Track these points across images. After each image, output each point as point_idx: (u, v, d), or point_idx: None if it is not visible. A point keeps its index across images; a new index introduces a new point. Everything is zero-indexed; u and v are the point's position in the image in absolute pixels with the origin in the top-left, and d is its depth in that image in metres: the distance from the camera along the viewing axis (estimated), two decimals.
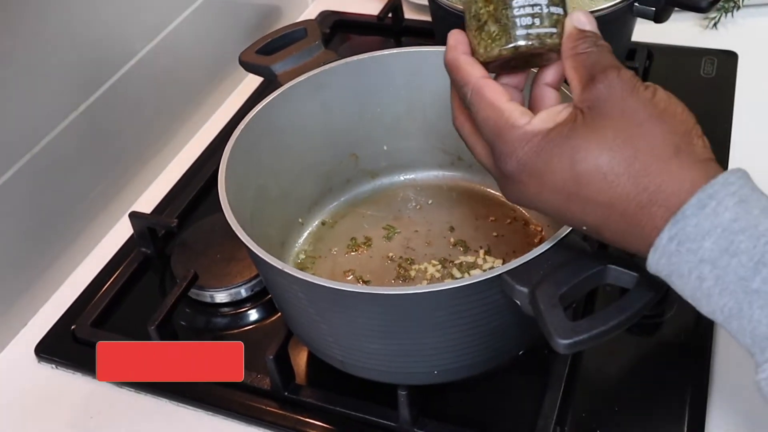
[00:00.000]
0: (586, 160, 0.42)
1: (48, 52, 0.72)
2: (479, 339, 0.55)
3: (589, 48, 0.45)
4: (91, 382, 0.68)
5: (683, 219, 0.40)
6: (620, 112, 0.43)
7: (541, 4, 0.47)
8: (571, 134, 0.43)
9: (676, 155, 0.42)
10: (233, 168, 0.62)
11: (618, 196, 0.42)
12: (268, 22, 1.07)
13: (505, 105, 0.46)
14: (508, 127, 0.45)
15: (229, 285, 0.72)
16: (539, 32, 0.47)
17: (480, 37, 0.48)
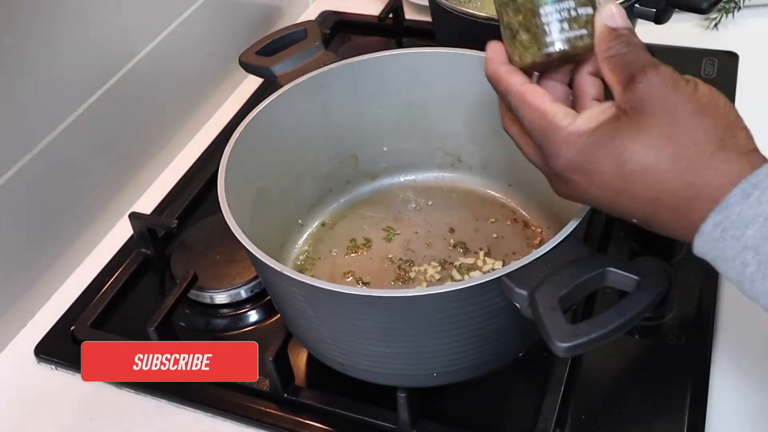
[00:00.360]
0: (632, 159, 0.43)
1: (48, 52, 0.72)
2: (478, 341, 0.55)
3: (623, 49, 0.45)
4: (91, 382, 0.68)
5: (727, 207, 0.42)
6: (663, 110, 0.43)
7: (569, 8, 0.47)
8: (616, 134, 0.44)
9: (720, 149, 0.42)
10: (233, 169, 0.61)
11: (665, 192, 0.43)
12: (269, 22, 1.07)
13: (548, 107, 0.47)
14: (553, 128, 0.46)
15: (229, 286, 0.72)
16: (569, 36, 0.47)
17: (513, 45, 0.49)
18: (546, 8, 0.47)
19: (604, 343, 0.45)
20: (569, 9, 0.47)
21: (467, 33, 0.82)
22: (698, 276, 0.69)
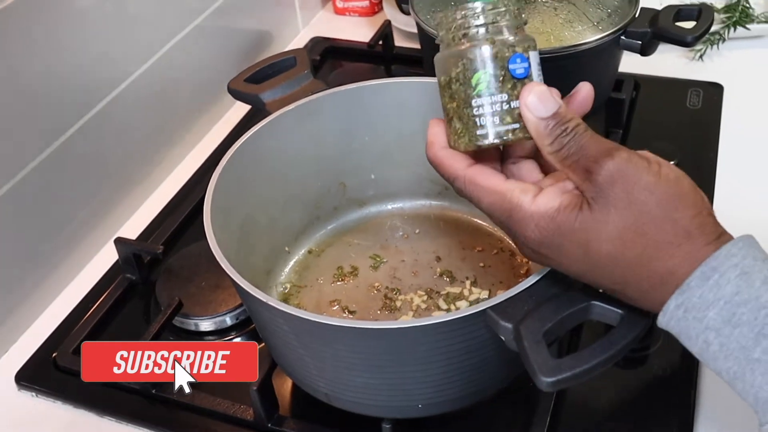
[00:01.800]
0: (599, 251, 0.44)
1: (37, 75, 0.72)
2: (464, 373, 0.54)
3: (564, 139, 0.44)
4: (72, 410, 0.67)
5: (688, 290, 0.42)
6: (627, 204, 0.43)
7: (501, 101, 0.46)
8: (581, 226, 0.44)
9: (687, 240, 0.43)
10: (220, 196, 0.61)
11: (632, 277, 0.44)
12: (259, 48, 1.08)
13: (503, 187, 0.47)
14: (514, 208, 0.46)
15: (214, 313, 0.72)
16: (500, 130, 0.47)
17: (450, 129, 0.49)
18: (478, 100, 0.46)
19: (589, 377, 0.45)
20: (502, 102, 0.46)
21: None
22: None
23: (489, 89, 0.46)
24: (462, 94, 0.47)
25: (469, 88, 0.47)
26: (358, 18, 1.20)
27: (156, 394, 0.66)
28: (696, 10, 0.85)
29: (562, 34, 0.92)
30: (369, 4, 1.19)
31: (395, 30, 1.10)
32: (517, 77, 0.46)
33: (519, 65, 0.46)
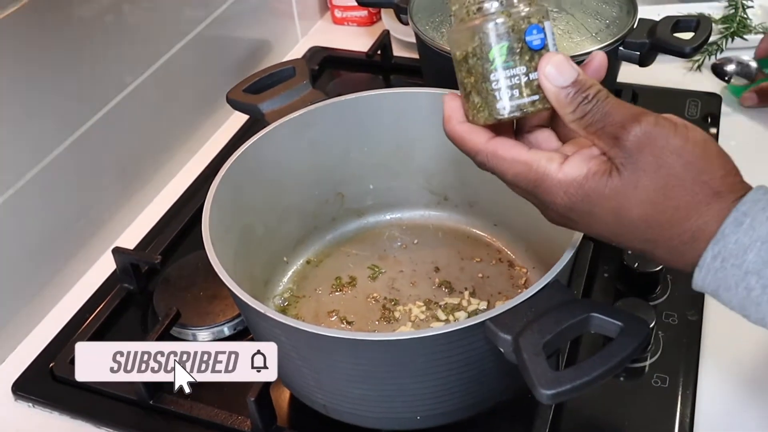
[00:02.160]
0: (629, 214, 0.44)
1: (34, 85, 0.72)
2: (462, 385, 0.54)
3: (586, 107, 0.44)
4: (69, 421, 0.67)
5: (723, 238, 0.42)
6: (656, 167, 0.43)
7: (520, 73, 0.46)
8: (611, 192, 0.44)
9: (716, 197, 0.43)
10: (218, 206, 0.61)
11: (663, 237, 0.44)
12: (258, 57, 1.08)
13: (527, 157, 0.46)
14: (541, 177, 0.45)
15: (212, 324, 0.72)
16: (520, 103, 0.46)
17: (468, 104, 0.48)
18: (496, 74, 0.46)
19: (588, 390, 0.45)
20: (520, 75, 0.46)
21: (453, 72, 0.82)
22: (683, 317, 0.69)
23: (507, 62, 0.46)
24: (479, 68, 0.46)
25: (487, 62, 0.46)
26: (357, 28, 1.20)
27: (153, 404, 0.66)
28: (694, 21, 0.86)
29: (560, 45, 0.92)
30: (368, 14, 1.19)
31: (394, 40, 1.10)
32: (533, 48, 0.46)
33: (535, 36, 0.46)
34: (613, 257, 0.74)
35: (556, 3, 0.94)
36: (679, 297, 0.71)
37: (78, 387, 0.68)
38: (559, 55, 0.45)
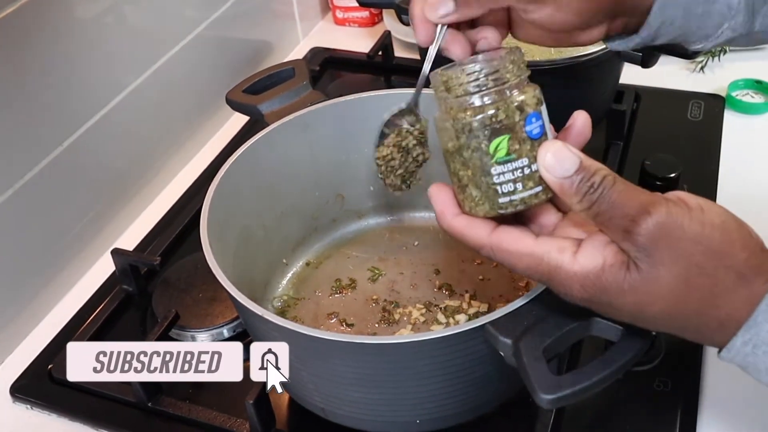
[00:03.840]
0: (652, 308, 0.42)
1: (33, 87, 0.72)
2: (462, 388, 0.54)
3: (593, 196, 0.41)
4: (67, 423, 0.67)
5: (755, 326, 0.41)
6: (674, 259, 0.40)
7: (522, 166, 0.43)
8: (630, 287, 0.41)
9: (743, 284, 0.41)
10: (217, 208, 0.61)
11: (689, 325, 0.43)
12: (259, 58, 1.08)
13: (537, 249, 0.43)
14: (554, 270, 0.43)
15: (211, 326, 0.71)
16: (523, 196, 0.44)
17: (463, 195, 0.46)
18: (496, 168, 0.43)
19: (589, 394, 0.44)
20: (522, 167, 0.43)
21: None
22: None
23: (509, 155, 0.43)
24: (477, 161, 0.44)
25: (486, 156, 0.43)
26: (358, 29, 1.20)
27: (152, 407, 0.65)
28: None
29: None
30: (369, 15, 1.19)
31: (395, 41, 1.10)
32: (534, 138, 0.43)
33: (535, 125, 0.43)
34: None
35: None
36: None
37: (76, 389, 0.67)
38: (557, 143, 0.43)
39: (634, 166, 0.84)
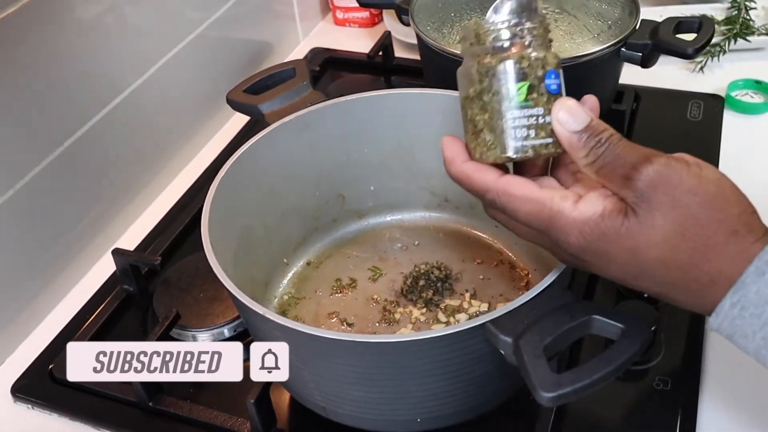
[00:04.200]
0: (647, 254, 0.43)
1: (36, 85, 0.72)
2: (463, 387, 0.54)
3: (598, 150, 0.44)
4: (68, 423, 0.67)
5: (743, 287, 0.42)
6: (670, 205, 0.42)
7: (537, 114, 0.46)
8: (627, 232, 0.43)
9: (734, 237, 0.42)
10: (218, 208, 0.61)
11: (680, 279, 0.43)
12: (259, 58, 1.08)
13: (540, 195, 0.45)
14: (555, 215, 0.45)
15: (212, 325, 0.71)
16: (534, 144, 0.46)
17: (476, 142, 0.48)
18: (513, 112, 0.46)
19: (589, 392, 0.44)
20: (537, 116, 0.46)
21: (455, 73, 0.82)
22: (685, 320, 0.69)
23: (527, 101, 0.46)
24: (496, 105, 0.46)
25: (506, 100, 0.46)
26: (359, 29, 1.20)
27: (153, 406, 0.66)
28: (697, 23, 0.85)
29: (562, 46, 0.91)
30: (369, 15, 1.19)
31: (395, 41, 1.10)
32: (551, 92, 0.46)
33: (554, 81, 0.46)
34: None
35: (558, 4, 0.94)
36: None
37: (77, 389, 0.67)
38: (571, 100, 0.46)
39: None
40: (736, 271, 0.42)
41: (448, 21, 0.94)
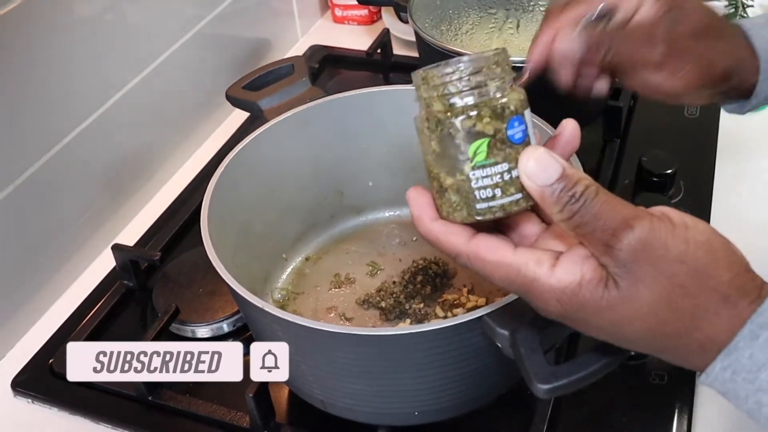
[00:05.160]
0: (630, 327, 0.40)
1: (35, 83, 0.72)
2: (460, 380, 0.54)
3: (574, 206, 0.39)
4: (68, 417, 0.67)
5: (736, 351, 0.39)
6: (655, 277, 0.38)
7: (502, 171, 0.42)
8: (608, 304, 0.39)
9: (726, 306, 0.39)
10: (217, 203, 0.61)
11: (668, 346, 0.41)
12: (258, 55, 1.08)
13: (514, 260, 0.42)
14: (530, 282, 0.41)
15: (211, 320, 0.72)
16: (503, 203, 0.42)
17: (441, 200, 0.44)
18: (477, 172, 0.42)
19: (585, 385, 0.45)
20: (503, 172, 0.42)
21: None
22: None
23: (488, 160, 0.41)
24: (457, 164, 0.42)
25: (465, 160, 0.42)
26: (357, 26, 1.21)
27: (152, 400, 0.66)
28: None
29: None
30: (368, 13, 1.20)
31: (394, 38, 1.10)
32: (516, 143, 0.42)
33: (517, 129, 0.42)
34: None
35: None
36: None
37: (77, 383, 0.68)
38: (540, 149, 0.41)
39: (631, 163, 0.85)
40: (728, 337, 0.39)
41: (446, 18, 0.95)
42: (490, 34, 0.97)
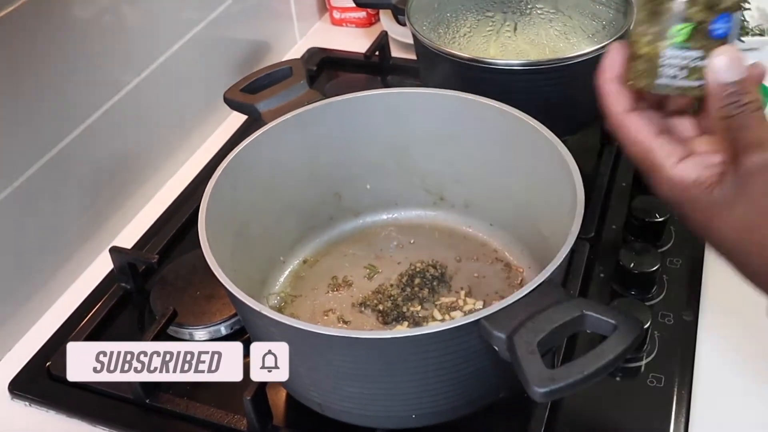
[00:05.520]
0: (719, 232, 0.46)
1: (33, 85, 0.73)
2: (457, 383, 0.54)
3: (733, 110, 0.44)
4: (65, 420, 0.67)
5: None
6: (761, 197, 0.44)
7: (692, 57, 0.46)
8: (706, 208, 0.46)
9: None
10: (215, 206, 0.61)
11: (750, 261, 0.46)
12: (256, 58, 1.08)
13: (650, 145, 0.48)
14: (654, 167, 0.47)
15: (209, 323, 0.72)
16: (682, 85, 0.47)
17: (632, 65, 0.49)
18: (673, 51, 0.47)
19: (583, 387, 0.45)
20: (692, 58, 0.46)
21: (450, 72, 0.83)
22: (678, 317, 0.70)
23: (685, 44, 0.46)
24: (657, 39, 0.47)
25: (666, 38, 0.47)
26: (355, 29, 1.21)
27: (150, 403, 0.66)
28: None
29: (557, 46, 0.92)
30: (366, 16, 1.20)
31: (392, 41, 1.10)
32: (715, 37, 0.46)
33: (721, 25, 0.46)
34: (608, 258, 0.74)
35: (553, 4, 0.94)
36: (674, 297, 0.71)
37: (74, 386, 0.68)
38: (735, 49, 0.46)
39: (628, 166, 0.85)
40: None
41: (444, 21, 0.95)
42: (488, 37, 0.98)
